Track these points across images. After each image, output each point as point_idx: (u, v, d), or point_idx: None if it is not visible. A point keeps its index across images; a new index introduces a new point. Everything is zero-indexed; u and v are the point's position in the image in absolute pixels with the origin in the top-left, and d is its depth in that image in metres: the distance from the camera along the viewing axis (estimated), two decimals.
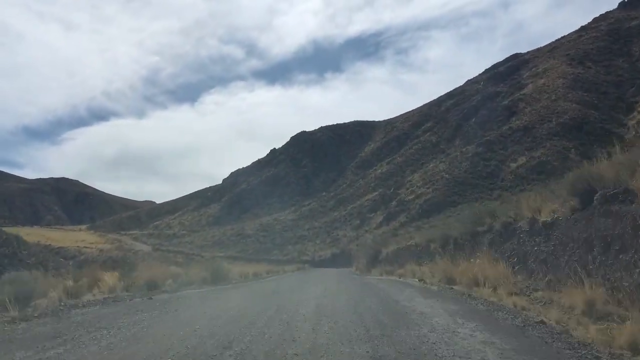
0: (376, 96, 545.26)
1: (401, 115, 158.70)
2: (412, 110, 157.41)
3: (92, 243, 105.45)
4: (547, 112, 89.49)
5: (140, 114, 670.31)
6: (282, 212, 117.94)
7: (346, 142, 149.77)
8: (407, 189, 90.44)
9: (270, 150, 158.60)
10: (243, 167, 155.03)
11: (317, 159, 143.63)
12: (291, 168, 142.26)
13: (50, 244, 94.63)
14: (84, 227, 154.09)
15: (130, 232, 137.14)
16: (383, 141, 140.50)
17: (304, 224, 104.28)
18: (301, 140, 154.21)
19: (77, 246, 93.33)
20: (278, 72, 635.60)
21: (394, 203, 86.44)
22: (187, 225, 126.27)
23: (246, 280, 27.59)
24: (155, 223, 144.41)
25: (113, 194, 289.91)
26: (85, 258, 78.68)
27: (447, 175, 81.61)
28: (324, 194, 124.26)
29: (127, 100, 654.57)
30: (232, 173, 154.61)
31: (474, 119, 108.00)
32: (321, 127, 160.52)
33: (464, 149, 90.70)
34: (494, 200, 68.62)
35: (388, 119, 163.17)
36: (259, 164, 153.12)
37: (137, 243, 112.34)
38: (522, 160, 76.32)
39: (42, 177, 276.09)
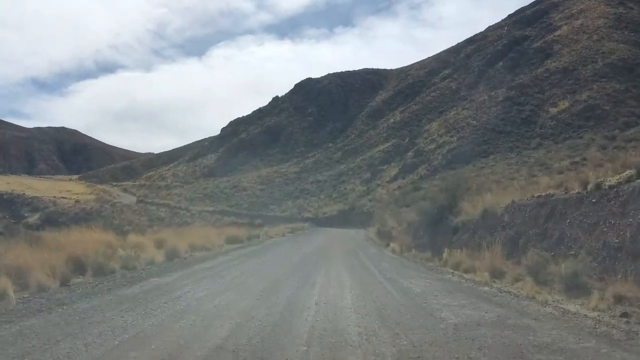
0: (388, 52, 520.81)
1: (416, 63, 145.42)
2: (428, 57, 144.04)
3: (76, 194, 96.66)
4: (589, 53, 78.60)
5: (147, 67, 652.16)
6: (284, 164, 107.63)
7: (355, 91, 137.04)
8: (426, 138, 79.55)
9: (273, 98, 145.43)
10: (243, 116, 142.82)
11: (324, 108, 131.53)
12: (295, 117, 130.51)
13: (23, 193, 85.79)
14: (75, 177, 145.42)
15: (123, 182, 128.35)
16: (396, 89, 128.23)
17: (307, 176, 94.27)
18: (307, 88, 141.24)
19: (54, 197, 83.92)
20: (288, 26, 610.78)
21: (410, 154, 75.83)
22: (180, 177, 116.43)
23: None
24: (148, 174, 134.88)
25: (114, 145, 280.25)
26: (55, 210, 69.40)
27: (474, 122, 70.47)
28: (330, 145, 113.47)
29: (134, 53, 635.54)
30: (231, 122, 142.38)
31: (501, 63, 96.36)
32: (328, 74, 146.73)
33: (492, 93, 79.14)
34: (535, 150, 58.05)
35: (401, 67, 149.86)
36: (259, 113, 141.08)
37: (126, 194, 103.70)
38: (564, 104, 65.01)
39: (40, 126, 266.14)
